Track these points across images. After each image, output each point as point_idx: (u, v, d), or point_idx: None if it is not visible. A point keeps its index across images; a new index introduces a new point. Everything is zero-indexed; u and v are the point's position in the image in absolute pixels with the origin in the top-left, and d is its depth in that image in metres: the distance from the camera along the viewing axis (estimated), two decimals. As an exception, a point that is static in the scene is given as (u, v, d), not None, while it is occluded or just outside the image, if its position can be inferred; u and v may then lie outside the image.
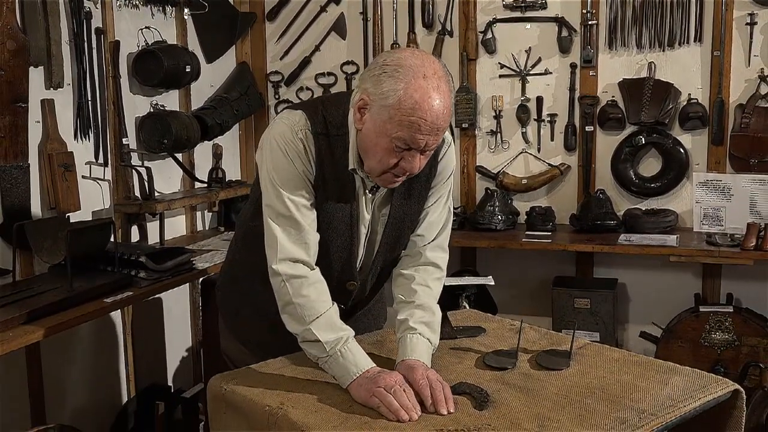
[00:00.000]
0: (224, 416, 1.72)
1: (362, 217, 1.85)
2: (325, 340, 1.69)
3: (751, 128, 3.54)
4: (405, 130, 1.63)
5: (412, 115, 1.61)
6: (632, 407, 1.54)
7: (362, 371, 1.65)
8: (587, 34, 3.77)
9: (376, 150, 1.69)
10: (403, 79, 1.62)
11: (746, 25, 3.53)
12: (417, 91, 1.61)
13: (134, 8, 3.43)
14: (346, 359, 1.67)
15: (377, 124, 1.66)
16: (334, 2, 4.17)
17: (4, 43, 2.67)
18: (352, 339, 1.72)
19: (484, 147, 4.05)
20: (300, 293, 1.73)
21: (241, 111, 4.00)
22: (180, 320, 3.84)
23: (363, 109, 1.70)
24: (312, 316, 1.71)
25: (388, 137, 1.65)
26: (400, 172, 1.71)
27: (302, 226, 1.76)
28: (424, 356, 1.75)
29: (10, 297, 2.42)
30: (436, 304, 1.89)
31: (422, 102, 1.61)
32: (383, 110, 1.64)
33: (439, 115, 1.63)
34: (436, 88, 1.63)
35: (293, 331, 1.75)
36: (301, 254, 1.76)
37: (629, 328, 3.92)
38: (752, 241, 3.29)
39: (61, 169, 2.96)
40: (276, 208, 1.76)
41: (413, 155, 1.68)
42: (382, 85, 1.64)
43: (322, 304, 1.74)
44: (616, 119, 3.78)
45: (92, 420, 3.25)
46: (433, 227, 1.95)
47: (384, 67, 1.66)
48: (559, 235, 3.71)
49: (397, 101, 1.62)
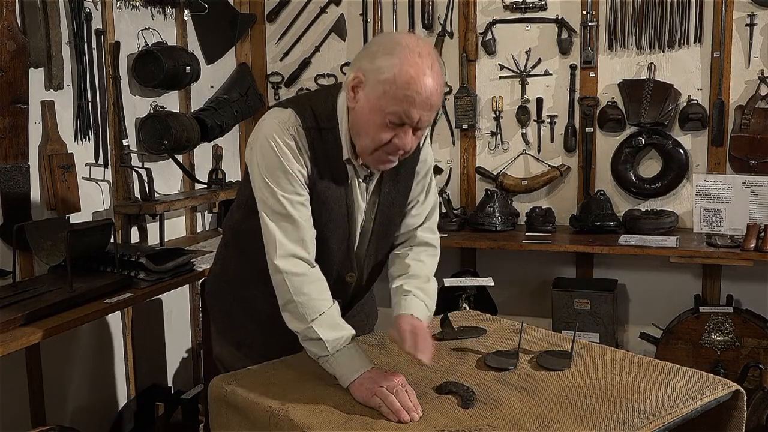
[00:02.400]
0: (225, 417, 1.72)
1: (357, 206, 1.86)
2: (327, 339, 1.69)
3: (751, 129, 3.54)
4: (400, 104, 1.65)
5: (407, 89, 1.63)
6: (633, 408, 1.54)
7: (363, 371, 1.65)
8: (587, 35, 3.77)
9: (369, 127, 1.70)
10: (399, 55, 1.65)
11: (746, 26, 3.53)
12: (412, 67, 1.64)
13: (134, 9, 3.43)
14: (348, 359, 1.67)
15: (371, 100, 1.68)
16: (334, 3, 4.17)
17: (4, 44, 2.68)
18: (352, 338, 1.72)
19: (484, 148, 4.05)
20: (301, 291, 1.73)
21: (241, 112, 4.00)
22: (180, 321, 3.84)
23: (357, 87, 1.71)
24: (313, 315, 1.71)
25: (382, 112, 1.67)
26: (393, 150, 1.72)
27: (299, 223, 1.76)
28: (420, 314, 1.79)
29: (10, 298, 2.41)
30: (432, 275, 1.94)
31: (417, 77, 1.64)
32: (378, 85, 1.66)
33: (432, 91, 1.66)
34: (431, 67, 1.66)
35: (294, 329, 1.74)
36: (300, 251, 1.76)
37: (629, 329, 3.92)
38: (752, 242, 3.29)
39: (61, 170, 2.96)
40: (272, 206, 1.76)
41: (406, 131, 1.69)
42: (377, 61, 1.67)
43: (324, 303, 1.74)
44: (616, 120, 3.78)
45: (92, 421, 3.25)
46: (423, 212, 2.01)
47: (380, 46, 1.70)
48: (559, 236, 3.71)
49: (392, 76, 1.64)
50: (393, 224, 1.96)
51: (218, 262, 2.13)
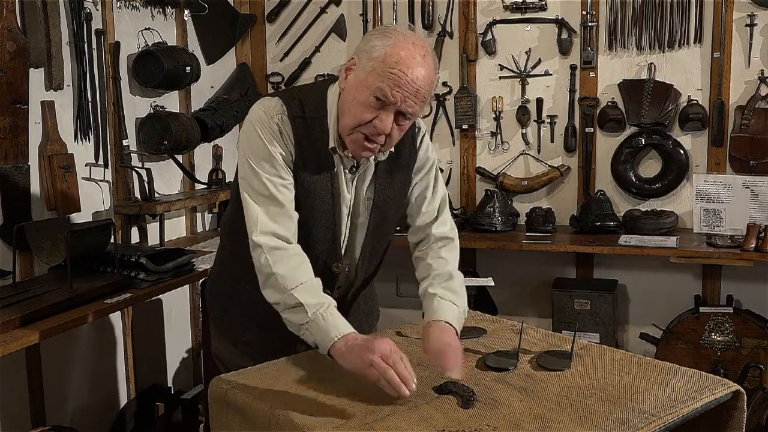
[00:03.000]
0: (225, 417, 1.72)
1: (343, 196, 1.87)
2: (307, 303, 1.67)
3: (750, 129, 3.54)
4: (385, 81, 1.66)
5: (393, 67, 1.65)
6: (633, 408, 1.54)
7: (342, 335, 1.64)
8: (587, 35, 3.78)
9: (353, 104, 1.71)
10: (393, 38, 1.69)
11: (746, 27, 3.54)
12: (404, 50, 1.67)
13: (134, 9, 3.43)
14: (328, 322, 1.66)
15: (360, 77, 1.70)
16: (334, 3, 4.17)
17: (5, 45, 2.68)
18: (333, 306, 1.71)
19: (484, 148, 4.05)
20: (281, 264, 1.73)
21: (241, 112, 4.00)
22: (180, 321, 3.84)
23: (350, 69, 1.75)
24: (294, 284, 1.70)
25: (368, 89, 1.68)
26: (371, 132, 1.71)
27: (281, 203, 1.77)
28: (449, 316, 1.80)
29: (10, 298, 2.42)
30: (455, 269, 1.95)
31: (407, 59, 1.66)
32: (368, 63, 1.69)
33: (420, 77, 1.67)
34: (423, 56, 1.69)
35: (274, 301, 1.73)
36: (280, 230, 1.76)
37: (629, 329, 3.92)
38: (752, 242, 3.29)
39: (62, 170, 2.96)
40: (255, 187, 1.78)
41: (387, 114, 1.69)
42: (371, 42, 1.71)
43: (304, 273, 1.74)
44: (616, 120, 3.78)
45: (92, 421, 3.25)
46: (434, 208, 2.02)
47: (376, 32, 1.74)
48: (559, 237, 3.71)
49: (383, 54, 1.67)
50: (388, 220, 1.97)
51: (216, 260, 2.16)
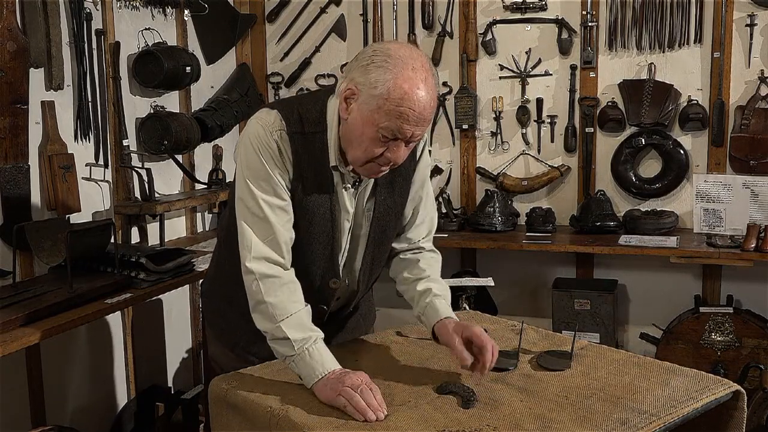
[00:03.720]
0: (225, 417, 1.72)
1: (344, 211, 1.85)
2: (294, 339, 1.68)
3: (751, 129, 3.54)
4: (393, 120, 1.64)
5: (400, 105, 1.63)
6: (633, 408, 1.54)
7: (328, 371, 1.64)
8: (587, 35, 3.78)
9: (362, 140, 1.69)
10: (392, 70, 1.63)
11: (746, 27, 3.53)
12: (406, 82, 1.63)
13: (134, 9, 3.43)
14: (313, 359, 1.66)
15: (364, 113, 1.67)
16: (334, 3, 4.17)
17: (5, 45, 2.67)
18: (320, 340, 1.71)
19: (484, 148, 4.05)
20: (272, 293, 1.72)
21: (241, 112, 4.00)
22: (180, 321, 3.84)
23: (350, 99, 1.70)
24: (282, 316, 1.71)
25: (375, 127, 1.66)
26: (384, 162, 1.72)
27: (275, 227, 1.75)
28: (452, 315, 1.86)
29: (10, 298, 2.41)
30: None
31: (411, 93, 1.63)
32: (372, 100, 1.65)
33: (426, 106, 1.66)
34: (424, 80, 1.65)
35: (263, 329, 1.75)
36: (273, 255, 1.75)
37: (629, 329, 3.92)
38: (752, 242, 3.29)
39: (62, 170, 2.96)
40: (250, 208, 1.76)
41: (398, 145, 1.69)
42: (370, 75, 1.65)
43: (294, 305, 1.74)
44: (616, 120, 3.78)
45: (92, 421, 3.25)
46: (426, 224, 2.03)
47: (372, 58, 1.67)
48: (559, 237, 3.71)
49: (386, 91, 1.63)
50: (389, 232, 1.96)
51: (213, 264, 2.14)
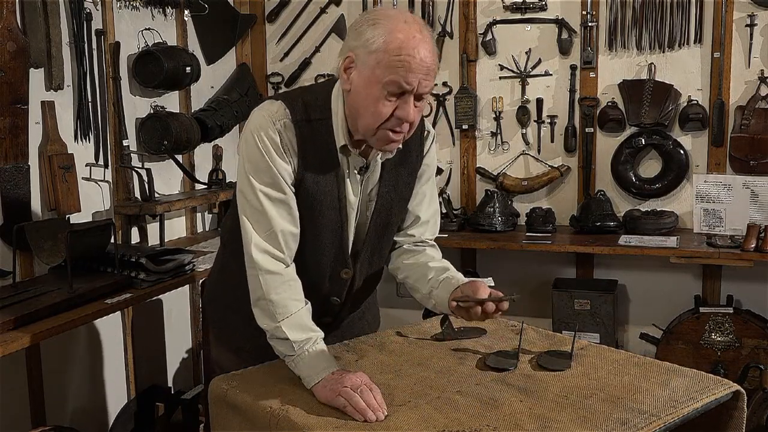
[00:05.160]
0: (225, 417, 1.72)
1: (349, 199, 1.84)
2: (294, 340, 1.68)
3: (751, 129, 3.54)
4: (396, 72, 1.61)
5: (399, 54, 1.60)
6: (633, 408, 1.54)
7: (328, 373, 1.64)
8: (587, 35, 3.78)
9: (368, 103, 1.66)
10: (385, 25, 1.63)
11: (746, 27, 3.53)
12: (401, 32, 1.62)
13: (134, 10, 3.43)
14: (313, 360, 1.67)
15: (365, 74, 1.65)
16: (334, 3, 4.17)
17: (5, 45, 2.67)
18: (320, 341, 1.71)
19: (484, 148, 4.05)
20: (274, 290, 1.72)
21: (241, 112, 4.00)
22: (180, 322, 3.84)
23: (349, 68, 1.68)
24: (283, 315, 1.71)
25: (379, 84, 1.63)
26: (396, 125, 1.68)
27: (274, 220, 1.74)
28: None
29: (10, 298, 2.42)
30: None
31: (408, 40, 1.61)
32: (370, 57, 1.63)
33: (426, 53, 1.63)
34: (420, 31, 1.64)
35: (263, 327, 1.75)
36: (275, 250, 1.75)
37: (629, 329, 3.92)
38: (752, 242, 3.29)
39: (62, 170, 2.96)
40: (250, 201, 1.75)
41: (406, 101, 1.65)
42: (363, 35, 1.64)
43: (295, 304, 1.73)
44: (616, 121, 3.78)
45: (92, 421, 3.25)
46: (432, 220, 2.04)
47: (363, 22, 1.67)
48: (559, 237, 3.71)
49: (382, 44, 1.61)
50: (392, 224, 1.95)
51: (216, 266, 2.13)
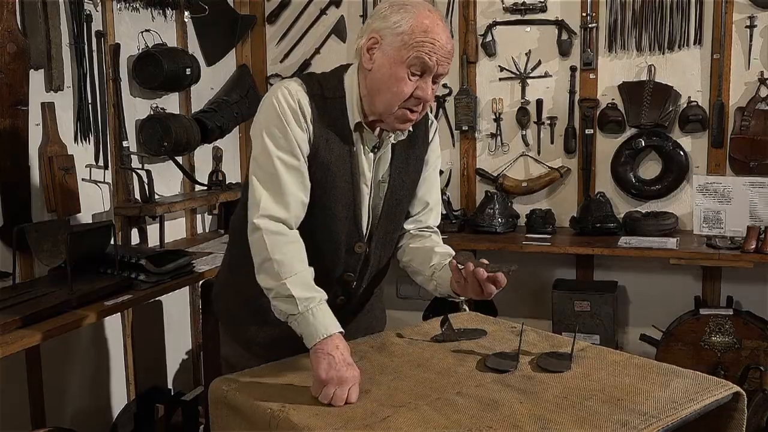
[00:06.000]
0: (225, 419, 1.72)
1: (363, 176, 1.89)
2: (299, 297, 1.70)
3: (750, 131, 3.54)
4: (421, 50, 1.74)
5: (425, 37, 1.74)
6: (633, 409, 1.54)
7: (330, 334, 1.67)
8: (587, 37, 3.78)
9: (391, 81, 1.77)
10: (412, 10, 1.77)
11: (746, 28, 3.54)
12: (426, 18, 1.76)
13: (134, 11, 3.44)
14: (316, 319, 1.69)
15: (390, 54, 1.76)
16: (334, 5, 4.17)
17: (5, 46, 2.68)
18: (324, 302, 1.73)
19: (484, 150, 4.05)
20: (279, 250, 1.74)
21: (241, 114, 4.01)
22: (180, 323, 3.84)
23: (372, 48, 1.79)
24: (288, 273, 1.72)
25: (403, 63, 1.75)
26: (415, 104, 1.79)
27: (286, 186, 1.78)
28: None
29: (10, 300, 2.41)
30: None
31: (433, 26, 1.76)
32: (396, 38, 1.75)
33: (447, 40, 1.78)
34: (441, 20, 1.80)
35: (266, 287, 1.76)
36: (282, 213, 1.78)
37: (629, 330, 3.92)
38: (752, 243, 3.29)
39: (62, 171, 2.96)
40: (263, 165, 1.80)
41: (426, 81, 1.78)
42: (390, 18, 1.77)
43: (300, 263, 1.76)
44: (616, 122, 3.78)
45: (92, 423, 3.25)
46: (437, 207, 2.12)
47: (389, 8, 1.79)
48: (559, 238, 3.71)
49: (409, 27, 1.75)
50: (402, 206, 2.00)
51: (224, 265, 2.15)
